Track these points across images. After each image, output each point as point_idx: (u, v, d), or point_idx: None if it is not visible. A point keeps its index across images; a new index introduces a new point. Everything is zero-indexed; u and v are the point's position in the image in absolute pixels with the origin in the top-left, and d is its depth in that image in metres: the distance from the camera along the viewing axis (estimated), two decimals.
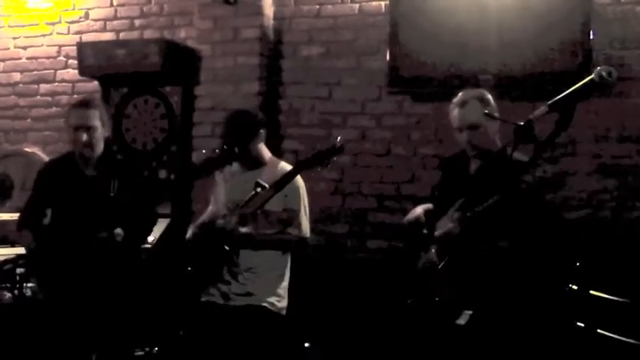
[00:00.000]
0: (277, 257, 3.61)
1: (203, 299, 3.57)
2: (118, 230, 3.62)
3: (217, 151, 3.55)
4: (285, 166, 3.61)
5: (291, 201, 3.55)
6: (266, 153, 3.67)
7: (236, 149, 3.49)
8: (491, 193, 2.85)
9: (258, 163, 3.61)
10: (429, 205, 3.37)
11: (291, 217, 3.55)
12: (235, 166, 3.65)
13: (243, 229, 3.36)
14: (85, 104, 3.77)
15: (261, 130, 3.63)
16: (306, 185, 3.66)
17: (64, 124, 3.79)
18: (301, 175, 3.55)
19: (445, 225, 3.15)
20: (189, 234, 3.63)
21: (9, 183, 6.20)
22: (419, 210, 3.36)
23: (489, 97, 3.26)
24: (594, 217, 4.67)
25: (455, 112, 3.27)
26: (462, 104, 3.24)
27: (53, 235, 3.66)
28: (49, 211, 3.83)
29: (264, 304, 3.51)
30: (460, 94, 3.30)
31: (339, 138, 3.37)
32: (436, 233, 3.20)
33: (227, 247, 3.41)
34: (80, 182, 3.72)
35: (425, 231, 3.28)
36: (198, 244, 3.55)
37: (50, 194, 3.81)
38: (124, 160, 3.96)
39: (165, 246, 4.83)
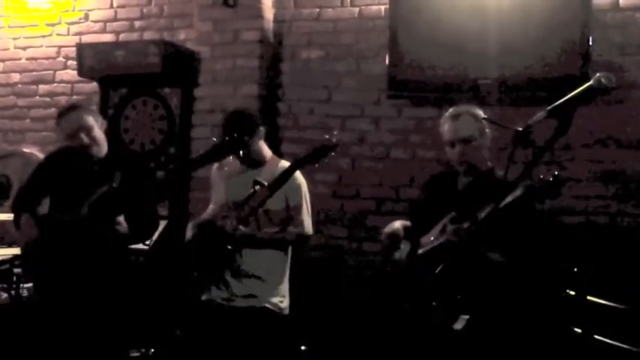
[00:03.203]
0: (278, 258, 3.60)
1: (204, 298, 3.57)
2: (120, 219, 3.59)
3: (215, 140, 3.54)
4: (286, 165, 3.59)
5: (293, 199, 3.55)
6: (267, 152, 3.68)
7: (237, 141, 3.48)
8: (480, 209, 2.85)
9: (258, 161, 3.61)
10: (407, 222, 3.34)
11: (291, 216, 3.55)
12: (235, 164, 3.64)
13: (245, 229, 3.36)
14: (70, 108, 3.76)
15: (261, 128, 3.63)
16: None
17: (60, 136, 3.78)
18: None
19: (430, 241, 3.14)
20: (188, 234, 3.63)
21: (7, 183, 6.19)
22: (397, 224, 3.33)
23: (481, 113, 3.25)
24: (592, 223, 4.67)
25: (447, 126, 3.26)
26: (455, 117, 3.24)
27: (52, 228, 3.64)
28: (47, 201, 3.82)
29: (267, 305, 3.51)
30: (453, 108, 3.31)
31: (335, 133, 3.38)
32: (423, 249, 3.18)
33: (230, 247, 3.40)
34: (84, 175, 3.71)
35: (402, 246, 3.24)
36: (199, 244, 3.54)
37: (53, 181, 3.80)
38: (129, 157, 3.94)
39: (163, 247, 4.82)
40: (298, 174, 3.56)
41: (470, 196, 3.10)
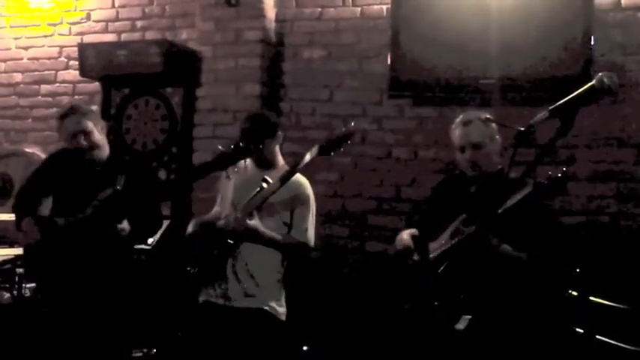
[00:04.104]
0: (275, 267, 3.58)
1: (202, 299, 3.56)
2: (124, 225, 3.60)
3: (221, 147, 3.52)
4: (296, 176, 3.53)
5: (299, 209, 3.54)
6: (280, 158, 3.67)
7: (251, 146, 3.47)
8: (491, 210, 2.84)
9: (270, 164, 3.60)
10: (413, 231, 3.33)
11: (296, 225, 3.55)
12: (246, 165, 3.63)
13: (249, 222, 3.35)
14: (70, 112, 3.77)
15: (280, 132, 3.64)
16: None
17: (61, 138, 3.80)
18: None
19: (441, 245, 3.13)
20: (188, 230, 3.62)
21: (9, 183, 6.20)
22: (406, 237, 3.30)
23: (491, 117, 3.26)
24: (593, 223, 4.67)
25: (458, 131, 3.26)
26: (466, 123, 3.24)
27: (54, 229, 3.64)
28: (48, 201, 3.83)
29: (265, 307, 3.50)
30: (463, 114, 3.31)
31: (352, 124, 3.38)
32: (434, 253, 3.17)
33: (231, 241, 3.39)
34: (87, 177, 3.72)
35: (415, 257, 3.23)
36: (198, 240, 3.54)
37: (55, 182, 3.80)
38: (132, 159, 3.96)
39: (165, 247, 4.83)
40: (308, 186, 3.58)
41: (480, 198, 3.09)
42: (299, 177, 3.54)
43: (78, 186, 3.69)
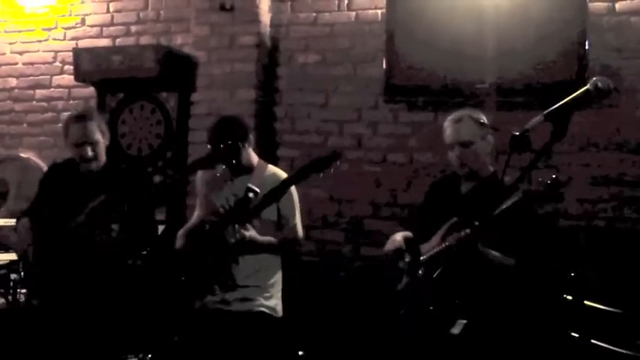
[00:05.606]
0: (272, 263, 3.63)
1: (199, 304, 3.56)
2: (114, 226, 3.58)
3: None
4: (273, 170, 3.68)
5: (285, 207, 3.57)
6: (254, 157, 3.69)
7: (231, 149, 3.48)
8: (482, 214, 2.84)
9: (247, 168, 3.62)
10: (407, 233, 3.34)
11: (284, 222, 3.58)
12: (223, 171, 3.64)
13: (246, 234, 3.37)
14: (82, 118, 3.70)
15: (250, 135, 3.64)
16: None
17: (64, 140, 3.76)
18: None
19: (431, 248, 3.14)
20: (178, 243, 3.63)
21: (4, 188, 6.19)
22: (398, 238, 3.32)
23: (483, 117, 3.27)
24: (588, 227, 4.67)
25: (449, 129, 3.28)
26: (457, 121, 3.25)
27: (49, 233, 3.64)
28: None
29: (263, 309, 3.52)
30: (455, 112, 3.32)
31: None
32: (424, 256, 3.17)
33: (226, 255, 3.42)
34: (82, 184, 3.71)
35: (407, 259, 3.24)
36: (191, 252, 3.54)
37: (53, 191, 3.79)
38: (127, 168, 3.94)
39: (160, 252, 4.81)
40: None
41: (472, 201, 3.10)
42: (277, 171, 3.65)
43: (73, 194, 3.67)
